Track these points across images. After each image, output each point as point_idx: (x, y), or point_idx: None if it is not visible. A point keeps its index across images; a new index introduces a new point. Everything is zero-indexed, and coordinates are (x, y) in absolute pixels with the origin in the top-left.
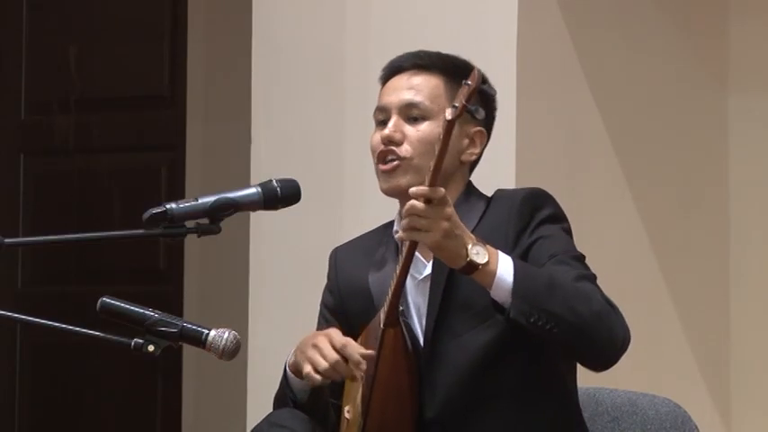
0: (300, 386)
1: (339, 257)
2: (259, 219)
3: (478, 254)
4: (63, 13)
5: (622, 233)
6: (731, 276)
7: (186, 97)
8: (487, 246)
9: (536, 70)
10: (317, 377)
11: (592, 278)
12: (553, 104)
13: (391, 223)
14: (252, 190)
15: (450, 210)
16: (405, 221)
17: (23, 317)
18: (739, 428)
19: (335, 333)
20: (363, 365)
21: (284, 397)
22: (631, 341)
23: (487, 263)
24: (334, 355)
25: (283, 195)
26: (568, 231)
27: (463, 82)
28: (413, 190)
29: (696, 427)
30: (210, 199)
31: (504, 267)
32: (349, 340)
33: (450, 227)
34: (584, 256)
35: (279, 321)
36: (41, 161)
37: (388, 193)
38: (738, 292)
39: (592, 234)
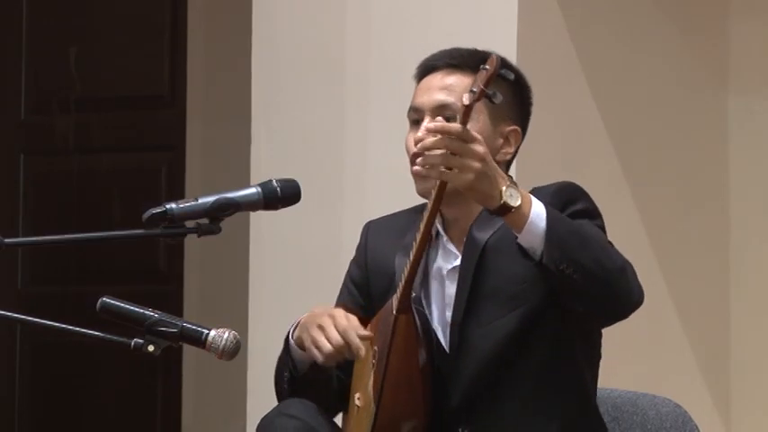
0: (301, 357)
1: (371, 233)
2: (259, 219)
3: (512, 196)
4: (63, 13)
5: (622, 233)
6: (731, 276)
7: (186, 97)
8: (521, 190)
9: (536, 70)
10: (322, 358)
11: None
12: (553, 104)
13: (423, 207)
14: (252, 190)
15: (483, 149)
16: (435, 158)
17: (23, 317)
18: (739, 428)
19: (339, 314)
20: (362, 351)
21: (284, 365)
22: (632, 341)
23: (520, 206)
24: (338, 338)
25: (283, 195)
26: (603, 229)
27: (481, 66)
28: (443, 125)
29: (696, 427)
30: (210, 199)
31: (538, 212)
32: (351, 323)
33: (484, 167)
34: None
35: (279, 321)
36: (41, 161)
37: (423, 195)
38: (738, 292)
39: None
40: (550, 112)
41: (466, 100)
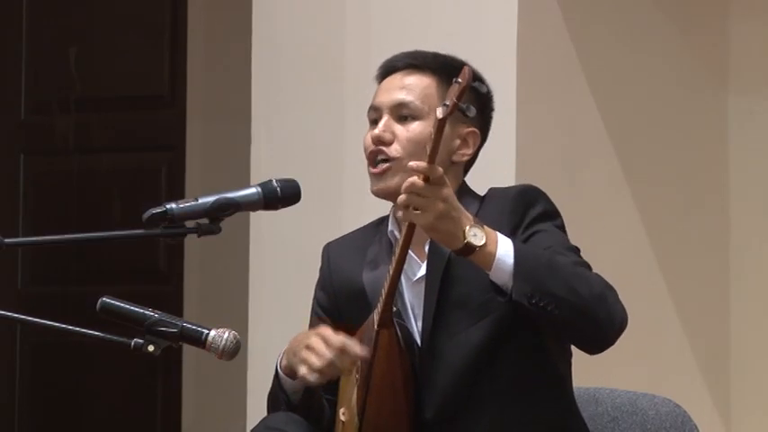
0: (293, 387)
1: (332, 254)
2: (259, 219)
3: (476, 236)
4: (63, 13)
5: (622, 233)
6: (731, 276)
7: (186, 97)
8: (486, 228)
9: (536, 70)
10: (313, 378)
11: (587, 266)
12: (553, 104)
13: (383, 221)
14: (252, 190)
15: (447, 190)
16: (402, 197)
17: (23, 317)
18: (739, 428)
19: (329, 332)
20: (362, 353)
21: (277, 398)
22: (632, 341)
23: (485, 244)
24: (328, 355)
25: (283, 195)
26: (562, 227)
27: (454, 80)
28: (412, 163)
29: (696, 427)
30: (210, 199)
31: (504, 249)
32: (343, 338)
33: (447, 208)
34: (578, 249)
35: (279, 321)
36: (41, 161)
37: (379, 194)
38: (738, 292)
39: (591, 234)
40: (550, 112)
41: (439, 114)
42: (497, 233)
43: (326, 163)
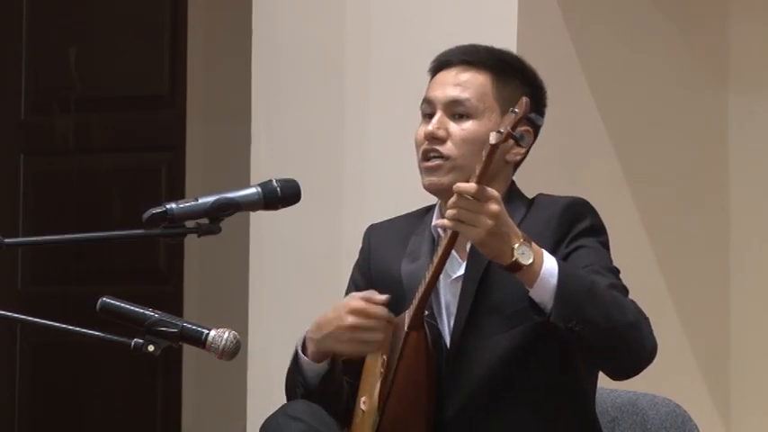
0: (313, 371)
1: (374, 237)
2: (259, 219)
3: (524, 254)
4: (63, 13)
5: (622, 233)
6: (731, 276)
7: (186, 97)
8: (534, 245)
9: (536, 70)
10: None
11: (624, 290)
12: (553, 104)
13: (429, 210)
14: (252, 190)
15: (496, 208)
16: (451, 211)
17: (23, 317)
18: (739, 428)
19: (353, 303)
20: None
21: (294, 382)
22: None
23: (532, 264)
24: (374, 324)
25: (283, 195)
26: (606, 245)
27: (510, 110)
28: (458, 185)
29: (696, 427)
30: (210, 199)
31: (549, 268)
32: (369, 301)
33: (496, 225)
34: (618, 270)
35: (279, 321)
36: (41, 161)
37: (430, 189)
38: (738, 292)
39: None
40: (550, 112)
41: (492, 139)
42: (544, 252)
43: (326, 163)
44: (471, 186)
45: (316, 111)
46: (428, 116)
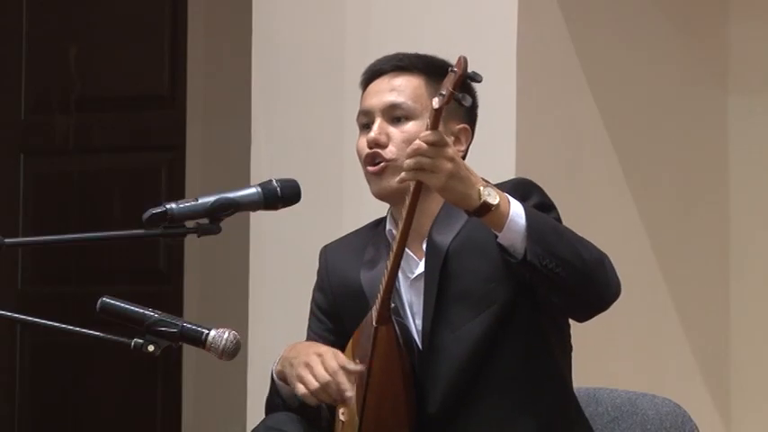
0: (290, 393)
1: (329, 256)
2: (259, 219)
3: (490, 194)
4: (63, 13)
5: (622, 233)
6: (731, 276)
7: (186, 97)
8: (496, 188)
9: (536, 70)
10: (307, 396)
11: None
12: (553, 104)
13: (381, 222)
14: (252, 190)
15: (452, 151)
16: (409, 161)
17: (23, 317)
18: (739, 428)
19: (327, 353)
20: (351, 393)
21: (274, 403)
22: (632, 341)
23: (499, 204)
24: (325, 377)
25: (283, 195)
26: (558, 220)
27: (449, 69)
28: (420, 136)
29: (696, 427)
30: (210, 199)
31: (516, 210)
32: (340, 361)
33: (455, 167)
34: None
35: (279, 321)
36: (41, 161)
37: (379, 195)
38: (738, 291)
39: (591, 233)
40: (550, 112)
41: (436, 104)
42: (507, 194)
43: (326, 163)
44: (428, 133)
45: (316, 111)
46: (366, 127)
